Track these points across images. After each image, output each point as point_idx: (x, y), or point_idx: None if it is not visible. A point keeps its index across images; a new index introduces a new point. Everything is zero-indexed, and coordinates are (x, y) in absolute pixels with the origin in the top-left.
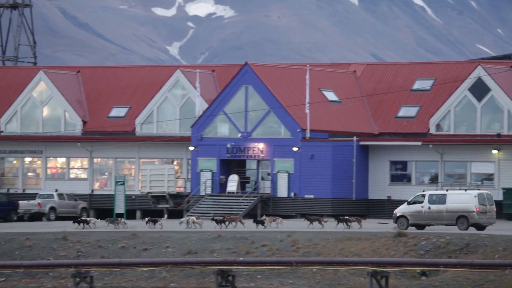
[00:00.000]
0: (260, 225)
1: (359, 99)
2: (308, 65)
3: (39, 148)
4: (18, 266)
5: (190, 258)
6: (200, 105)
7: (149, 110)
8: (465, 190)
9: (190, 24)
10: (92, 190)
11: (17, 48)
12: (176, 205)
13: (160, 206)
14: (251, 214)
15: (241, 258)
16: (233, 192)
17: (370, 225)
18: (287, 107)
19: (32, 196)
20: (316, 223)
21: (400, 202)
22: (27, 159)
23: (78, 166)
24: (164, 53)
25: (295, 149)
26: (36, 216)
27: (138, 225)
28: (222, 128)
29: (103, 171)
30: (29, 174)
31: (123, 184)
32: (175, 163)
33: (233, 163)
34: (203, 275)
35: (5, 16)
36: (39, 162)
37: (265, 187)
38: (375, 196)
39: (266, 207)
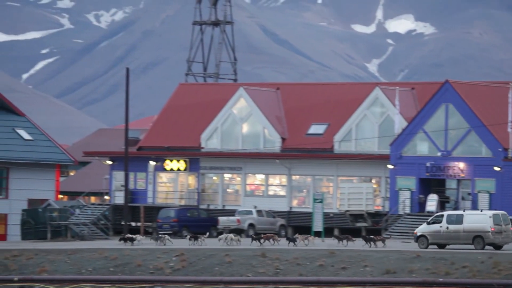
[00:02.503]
0: (292, 243)
1: None
2: (510, 83)
3: (239, 164)
4: (218, 282)
5: (389, 277)
6: (399, 123)
7: (348, 128)
8: (481, 210)
9: (389, 41)
10: (291, 207)
11: (218, 65)
12: (374, 224)
13: (358, 224)
14: None
15: (440, 279)
16: (433, 212)
17: (394, 244)
18: (489, 126)
19: (231, 213)
20: (344, 241)
21: None
22: (227, 176)
23: (277, 183)
24: (362, 70)
25: (496, 168)
26: (236, 232)
27: (182, 243)
28: (421, 147)
29: (301, 189)
30: (228, 190)
31: (321, 202)
32: (373, 181)
33: (432, 182)
34: None
35: (207, 33)
36: (238, 178)
37: (466, 207)
38: None
39: None
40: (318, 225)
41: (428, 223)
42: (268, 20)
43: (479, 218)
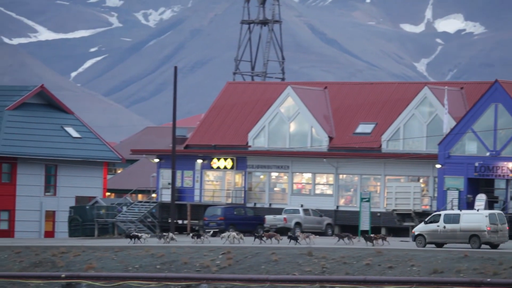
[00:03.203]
0: (293, 241)
1: None
2: None
3: (286, 163)
4: (264, 280)
5: (436, 277)
6: (448, 123)
7: (396, 127)
8: (477, 210)
9: (438, 40)
10: (337, 206)
11: (266, 64)
12: None
13: (406, 224)
14: None
15: (488, 279)
16: None
17: (394, 242)
18: None
19: (278, 211)
20: (345, 240)
21: None
22: (274, 174)
23: (324, 182)
24: (411, 70)
25: None
26: (282, 231)
27: (185, 240)
28: (470, 146)
29: (348, 188)
30: (275, 189)
31: (368, 201)
32: (421, 180)
33: (480, 182)
34: None
35: (255, 32)
36: (285, 177)
37: None
38: None
39: None
40: (365, 224)
41: (426, 222)
42: (316, 19)
43: (475, 218)
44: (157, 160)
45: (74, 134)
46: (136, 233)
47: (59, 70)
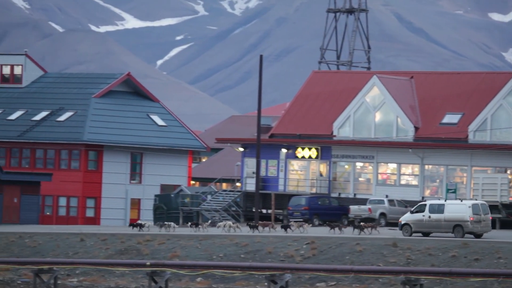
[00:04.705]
0: (287, 230)
1: None
2: None
3: (371, 153)
4: (348, 271)
5: None
6: None
7: (483, 118)
8: (461, 200)
9: None
10: (423, 197)
11: (352, 53)
12: (508, 216)
13: (492, 215)
14: None
15: None
16: None
17: (382, 231)
18: None
19: (363, 201)
20: (336, 230)
21: None
22: (359, 164)
23: (409, 173)
24: (499, 59)
25: None
26: (367, 221)
27: (183, 229)
28: None
29: (434, 178)
30: (360, 179)
31: (454, 192)
32: (508, 172)
33: None
34: None
35: (341, 21)
36: (370, 167)
37: None
38: None
39: None
40: None
41: (412, 212)
42: (403, 8)
43: (459, 208)
44: (241, 149)
45: (160, 122)
46: (140, 222)
47: (145, 58)
